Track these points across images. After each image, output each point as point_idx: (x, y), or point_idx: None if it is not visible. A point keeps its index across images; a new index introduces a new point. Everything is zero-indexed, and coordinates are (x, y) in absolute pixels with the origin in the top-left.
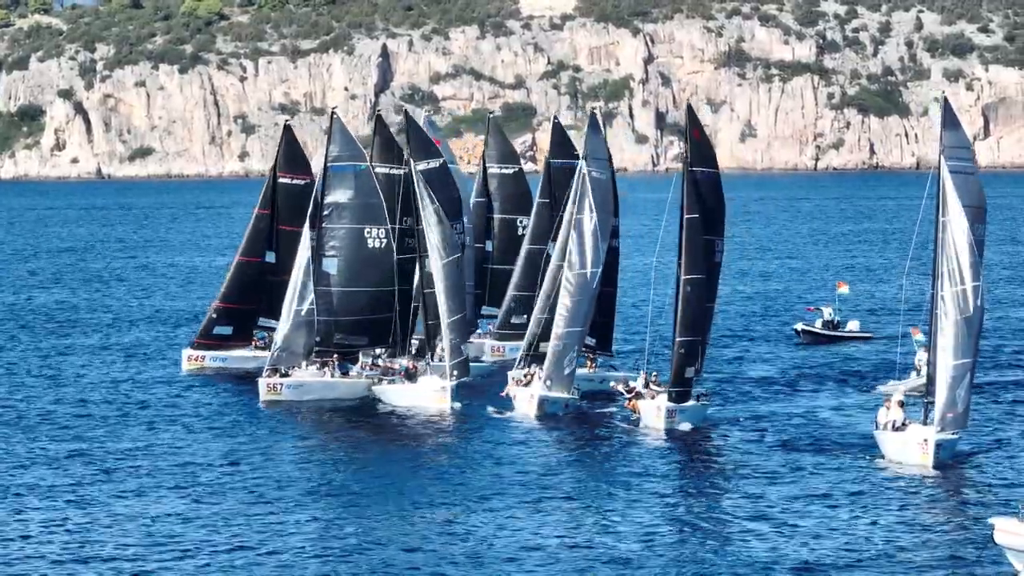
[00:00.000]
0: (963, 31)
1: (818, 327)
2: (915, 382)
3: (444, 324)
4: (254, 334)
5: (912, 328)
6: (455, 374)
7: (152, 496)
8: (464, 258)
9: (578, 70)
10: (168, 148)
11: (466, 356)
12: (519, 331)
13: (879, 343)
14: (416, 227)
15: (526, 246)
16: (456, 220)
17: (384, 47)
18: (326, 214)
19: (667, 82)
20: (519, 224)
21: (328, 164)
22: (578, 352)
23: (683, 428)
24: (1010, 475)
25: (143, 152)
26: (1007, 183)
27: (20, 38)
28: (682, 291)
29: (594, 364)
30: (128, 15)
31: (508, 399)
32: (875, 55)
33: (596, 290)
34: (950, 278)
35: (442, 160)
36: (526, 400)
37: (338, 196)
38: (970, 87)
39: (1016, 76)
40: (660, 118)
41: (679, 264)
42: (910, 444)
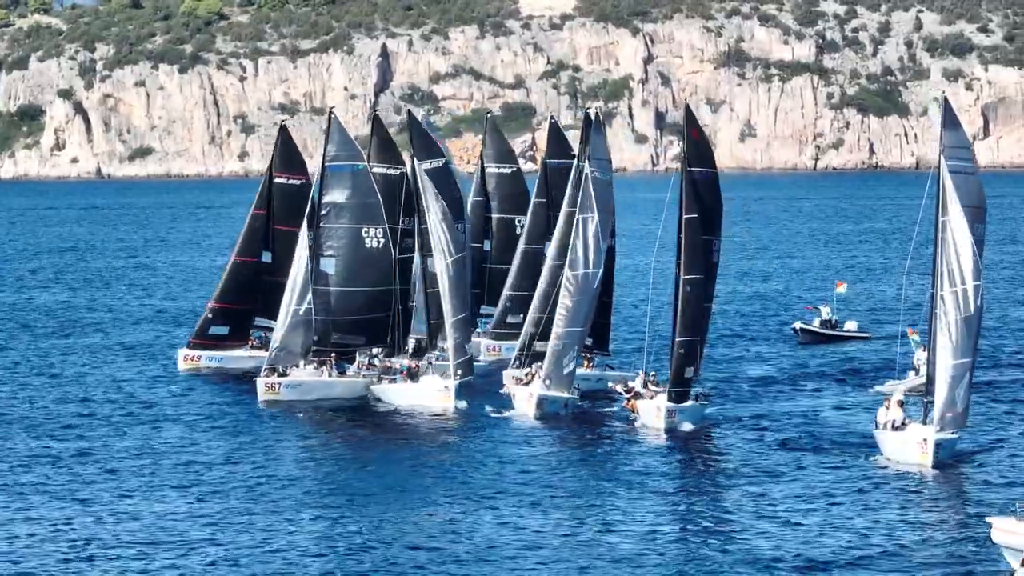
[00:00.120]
0: (963, 31)
1: (816, 326)
2: (914, 382)
3: (448, 323)
4: (251, 334)
5: (908, 328)
6: (459, 373)
7: (154, 495)
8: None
9: (578, 70)
10: (168, 148)
11: (470, 355)
12: (515, 330)
13: (877, 343)
14: (420, 226)
15: (522, 245)
16: (458, 220)
17: (384, 47)
18: (324, 214)
19: (667, 82)
20: (517, 224)
21: (326, 164)
22: (578, 352)
23: (683, 428)
24: (1009, 474)
25: (143, 152)
26: (1006, 183)
27: (20, 38)
28: (681, 291)
29: (591, 363)
30: (128, 15)
31: (506, 398)
32: (875, 55)
33: (597, 290)
34: (950, 278)
35: (445, 160)
36: (525, 399)
37: (336, 196)
38: (969, 87)
39: (1015, 76)
40: (660, 118)
41: (678, 264)
42: (909, 443)
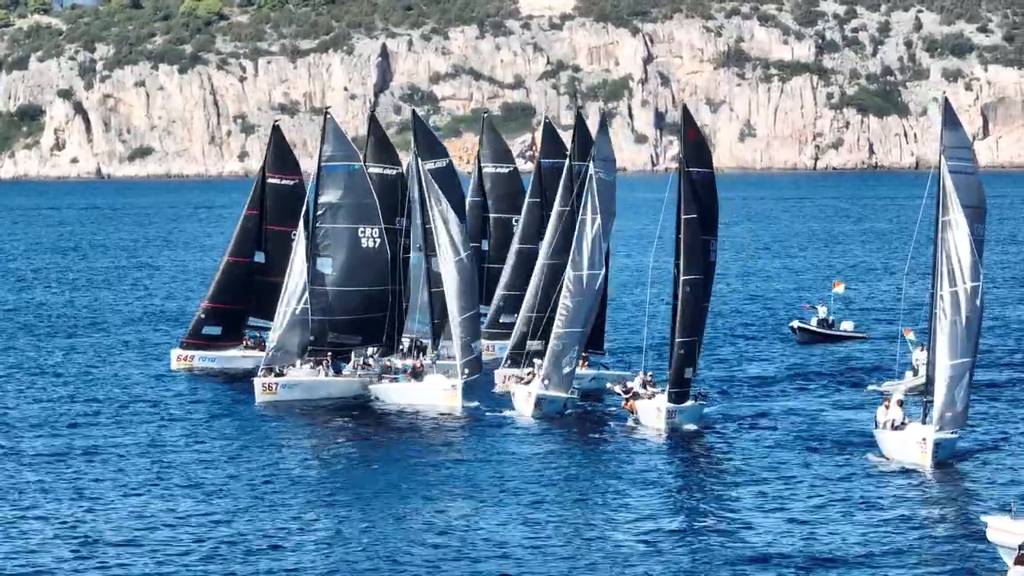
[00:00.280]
0: (962, 31)
1: (814, 325)
2: (913, 382)
3: (455, 322)
4: (245, 334)
5: (904, 329)
6: (466, 372)
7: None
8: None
9: (577, 70)
10: (168, 148)
11: (477, 354)
12: (508, 330)
13: (875, 343)
14: (424, 226)
15: (516, 245)
16: (462, 220)
17: (384, 47)
18: (320, 214)
19: (666, 82)
20: (514, 223)
21: (322, 164)
22: (578, 353)
23: (682, 428)
24: (1007, 474)
25: (143, 152)
26: (1006, 183)
27: (20, 38)
28: (681, 291)
29: (586, 363)
30: (128, 15)
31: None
32: (874, 55)
33: (598, 291)
34: (949, 278)
35: (448, 160)
36: (524, 399)
37: (332, 196)
38: (969, 87)
39: (1015, 76)
40: (659, 118)
41: (676, 265)
42: (909, 443)
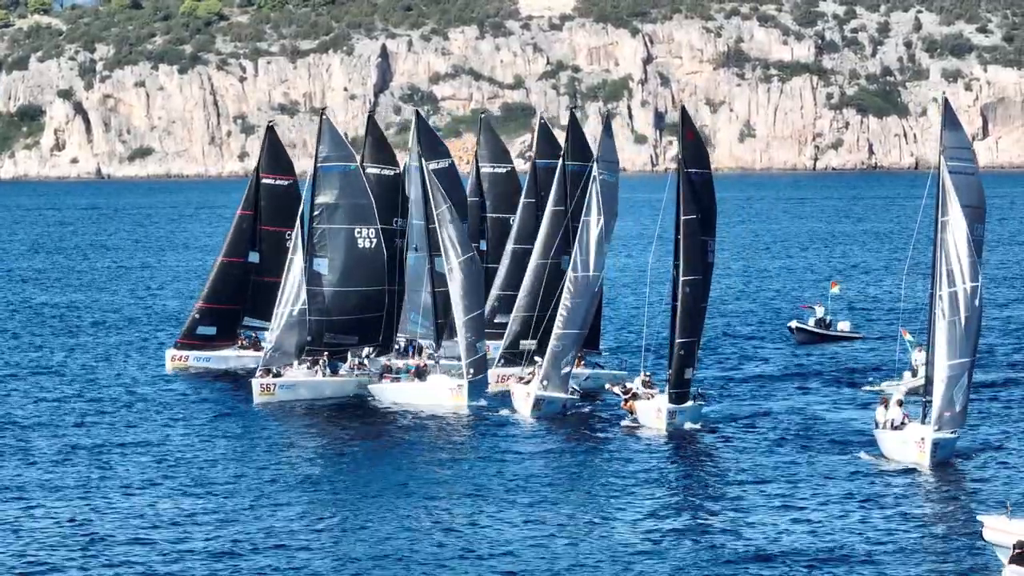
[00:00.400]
0: (962, 31)
1: (811, 325)
2: (912, 383)
3: (460, 322)
4: (240, 333)
5: (902, 329)
6: (471, 372)
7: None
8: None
9: (577, 70)
10: (168, 148)
11: (483, 354)
12: (503, 330)
13: (873, 342)
14: (427, 226)
15: (511, 245)
16: (464, 220)
17: (383, 47)
18: (316, 214)
19: (666, 82)
20: (512, 223)
21: (318, 165)
22: (576, 354)
23: (683, 428)
24: (1004, 473)
25: (143, 152)
26: (1005, 183)
27: (20, 38)
28: (680, 292)
29: (582, 362)
30: (128, 15)
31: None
32: (874, 55)
33: (599, 293)
34: (948, 278)
35: (450, 160)
36: (523, 399)
37: (328, 197)
38: (968, 87)
39: (1014, 76)
40: (659, 118)
41: (675, 266)
42: (908, 443)
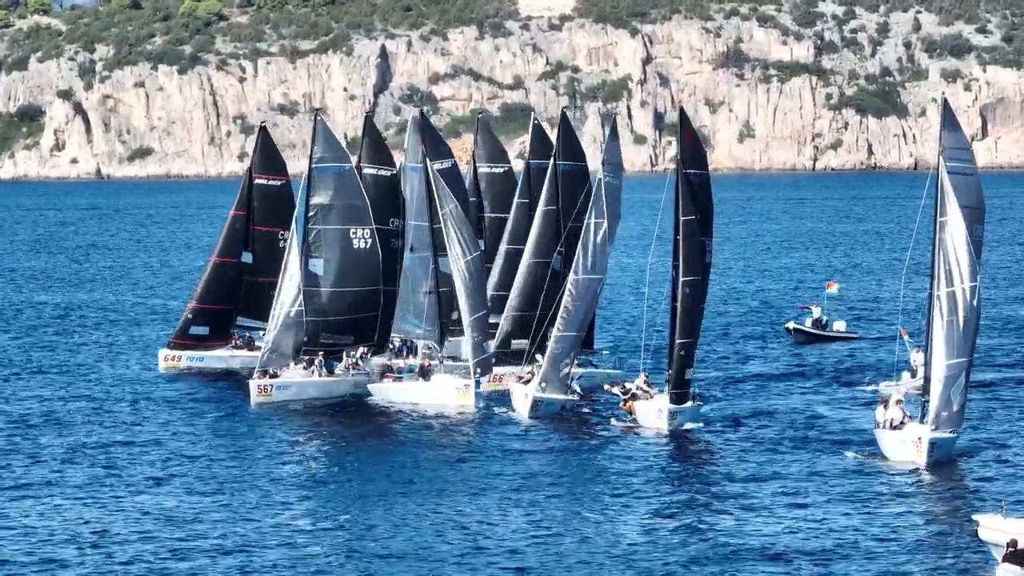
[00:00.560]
0: (961, 32)
1: (808, 326)
2: (912, 383)
3: (466, 322)
4: (233, 333)
5: (901, 329)
6: (478, 372)
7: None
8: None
9: (576, 71)
10: (167, 148)
11: (489, 354)
12: (495, 330)
13: (871, 343)
14: (432, 226)
15: (504, 246)
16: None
17: (383, 48)
18: (311, 215)
19: (665, 83)
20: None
21: (312, 166)
22: (575, 356)
23: (683, 428)
24: (1000, 473)
25: (142, 152)
26: (1005, 183)
27: (20, 39)
28: (680, 292)
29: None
30: (127, 16)
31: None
32: (873, 55)
33: (599, 296)
34: (947, 278)
35: (453, 160)
36: (521, 399)
37: (323, 198)
38: (968, 87)
39: (1014, 76)
40: (658, 118)
41: (675, 266)
42: (906, 442)
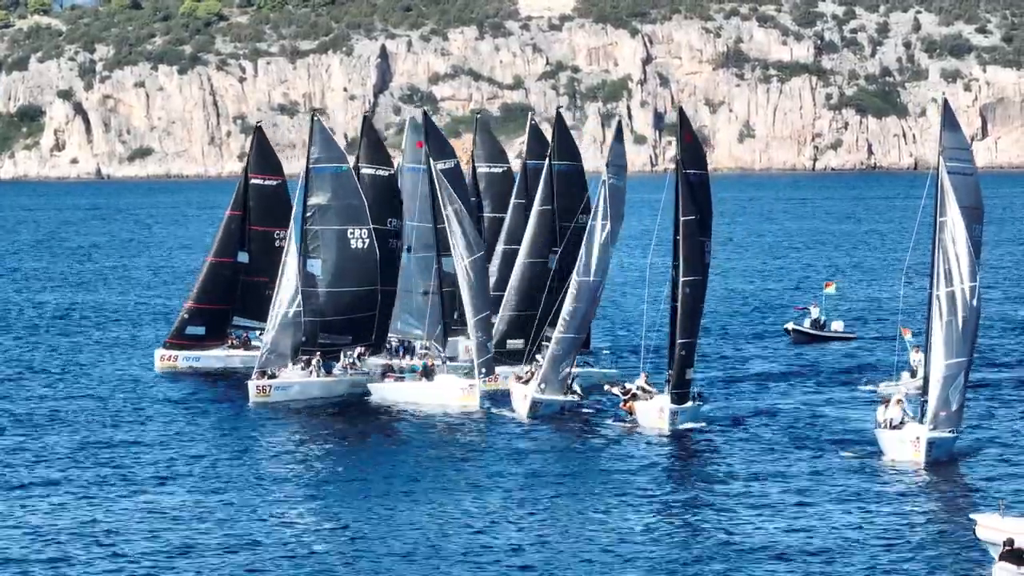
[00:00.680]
0: (961, 32)
1: (806, 326)
2: (911, 382)
3: (471, 323)
4: (230, 333)
5: (902, 329)
6: (483, 372)
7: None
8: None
9: (576, 71)
10: (167, 148)
11: (492, 354)
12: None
13: (867, 342)
14: (436, 226)
15: (501, 246)
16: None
17: (383, 48)
18: (309, 215)
19: (665, 83)
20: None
21: (310, 167)
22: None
23: (683, 428)
24: (998, 472)
25: (142, 152)
26: (1005, 183)
27: (20, 39)
28: (681, 293)
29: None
30: (127, 16)
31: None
32: (873, 56)
33: (599, 298)
34: (946, 278)
35: (456, 161)
36: (520, 400)
37: (320, 198)
38: (968, 88)
39: (1014, 77)
40: (658, 119)
41: (674, 266)
42: (905, 442)
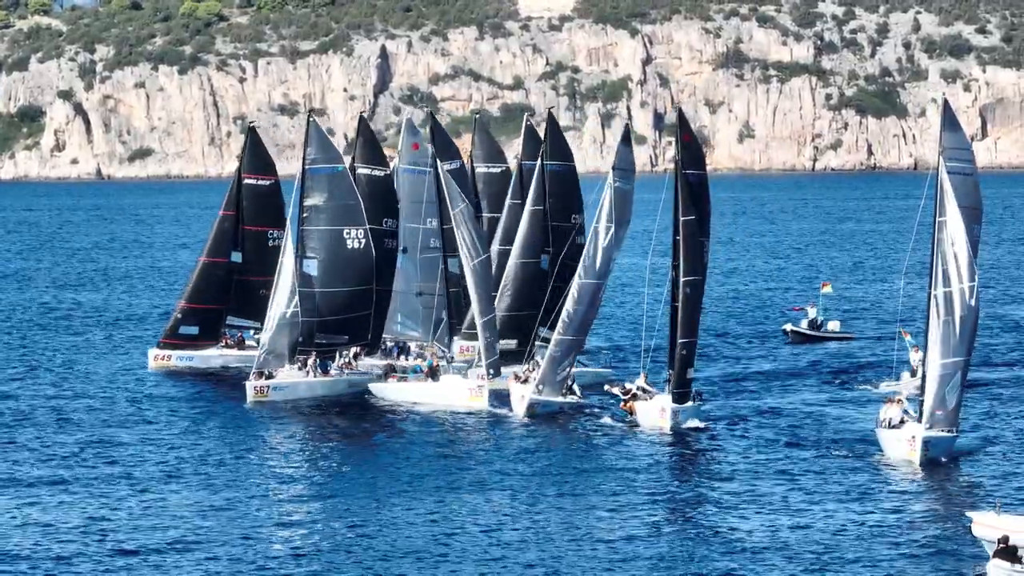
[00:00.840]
0: (960, 32)
1: (804, 327)
2: (911, 382)
3: (479, 323)
4: (224, 332)
5: (901, 329)
6: (491, 372)
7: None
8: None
9: (576, 71)
10: (168, 149)
11: (498, 355)
12: None
13: (867, 342)
14: (443, 226)
15: (496, 246)
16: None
17: (383, 48)
18: (305, 216)
19: (665, 83)
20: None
21: (306, 167)
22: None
23: (684, 427)
24: (995, 471)
25: (143, 153)
26: (1004, 183)
27: (20, 39)
28: (681, 292)
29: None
30: (128, 16)
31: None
32: (873, 56)
33: (601, 301)
34: (944, 278)
35: (460, 161)
36: (518, 400)
37: (316, 199)
38: (967, 88)
39: (1013, 77)
40: (658, 119)
41: (674, 266)
42: (902, 441)
